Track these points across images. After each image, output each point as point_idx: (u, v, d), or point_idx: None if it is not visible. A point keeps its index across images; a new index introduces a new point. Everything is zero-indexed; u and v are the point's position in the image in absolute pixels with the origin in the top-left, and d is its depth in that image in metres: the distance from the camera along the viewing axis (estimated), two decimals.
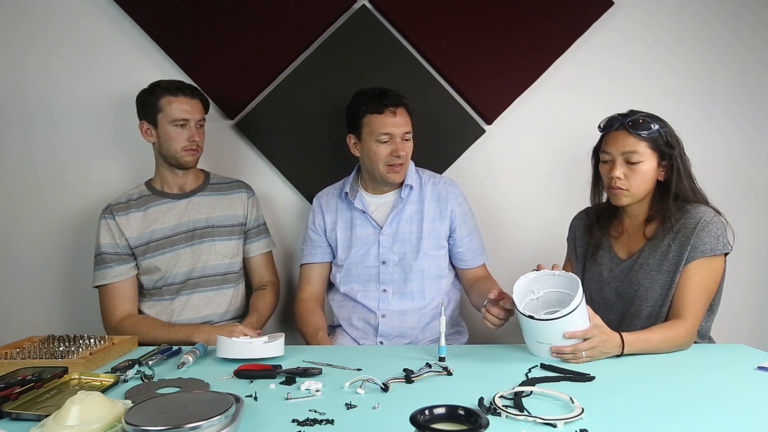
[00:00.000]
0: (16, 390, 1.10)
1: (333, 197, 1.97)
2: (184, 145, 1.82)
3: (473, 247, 1.92)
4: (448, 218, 1.88)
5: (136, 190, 1.91)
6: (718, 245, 1.50)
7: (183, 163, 1.85)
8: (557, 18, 2.13)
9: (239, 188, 1.99)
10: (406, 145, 1.82)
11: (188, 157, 1.84)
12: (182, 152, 1.83)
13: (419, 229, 1.86)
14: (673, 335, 1.45)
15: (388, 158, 1.80)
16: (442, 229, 1.88)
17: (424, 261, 1.85)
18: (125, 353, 1.48)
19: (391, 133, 1.79)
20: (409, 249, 1.85)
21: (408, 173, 1.88)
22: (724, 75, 2.23)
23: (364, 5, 2.14)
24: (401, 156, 1.80)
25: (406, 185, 1.87)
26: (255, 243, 1.99)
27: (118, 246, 1.83)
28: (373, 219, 1.89)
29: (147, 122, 1.84)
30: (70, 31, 2.14)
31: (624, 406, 1.09)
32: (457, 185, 1.94)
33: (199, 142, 1.85)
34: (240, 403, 1.01)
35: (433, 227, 1.87)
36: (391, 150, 1.79)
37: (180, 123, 1.81)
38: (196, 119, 1.83)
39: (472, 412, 0.83)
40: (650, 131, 1.52)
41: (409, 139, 1.84)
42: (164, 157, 1.86)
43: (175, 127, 1.81)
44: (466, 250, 1.91)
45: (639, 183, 1.54)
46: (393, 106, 1.80)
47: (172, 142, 1.82)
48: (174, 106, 1.80)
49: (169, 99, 1.80)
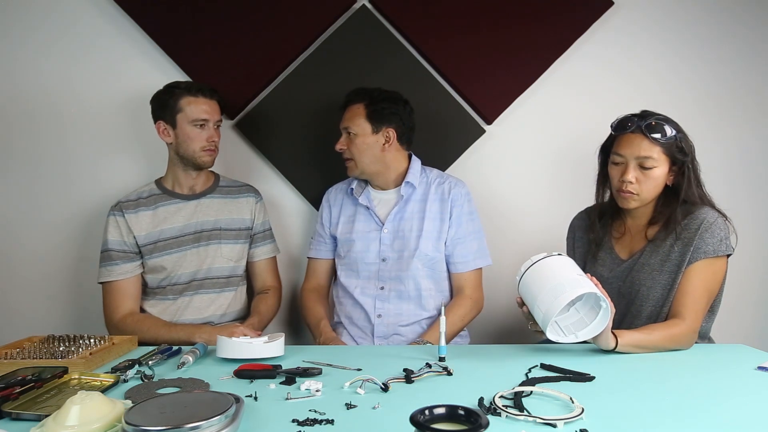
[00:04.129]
0: (16, 390, 1.09)
1: (340, 192, 2.00)
2: (203, 145, 1.84)
3: (465, 251, 1.88)
4: (448, 219, 1.88)
5: (147, 188, 1.92)
6: (720, 247, 1.49)
7: (201, 163, 1.87)
8: (557, 18, 2.13)
9: (248, 192, 2.00)
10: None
11: (206, 157, 1.86)
12: (201, 152, 1.84)
13: (420, 227, 1.86)
14: (672, 333, 1.44)
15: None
16: (442, 229, 1.87)
17: (420, 260, 1.84)
18: (125, 353, 1.48)
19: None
20: (408, 247, 1.85)
21: (411, 171, 1.89)
22: (724, 75, 2.23)
23: (364, 5, 2.15)
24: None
25: (407, 183, 1.88)
26: (260, 248, 2.00)
27: (125, 243, 1.83)
28: (376, 215, 1.90)
29: (164, 122, 1.85)
30: (69, 30, 2.14)
31: (624, 406, 1.09)
32: (462, 185, 1.93)
33: (217, 142, 1.87)
34: (240, 403, 1.01)
35: (433, 227, 1.87)
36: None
37: (200, 123, 1.82)
38: (215, 120, 1.86)
39: (472, 412, 0.83)
40: (667, 137, 1.49)
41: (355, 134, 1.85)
42: (181, 157, 1.87)
43: (195, 128, 1.82)
44: (455, 252, 1.88)
45: (650, 188, 1.53)
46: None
47: (191, 142, 1.83)
48: (194, 107, 1.82)
49: (189, 99, 1.82)
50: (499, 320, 2.24)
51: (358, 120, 1.84)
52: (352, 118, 1.85)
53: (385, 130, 1.86)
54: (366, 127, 1.84)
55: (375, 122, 1.85)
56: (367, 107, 1.85)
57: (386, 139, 1.86)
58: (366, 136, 1.85)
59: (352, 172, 1.90)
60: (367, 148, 1.85)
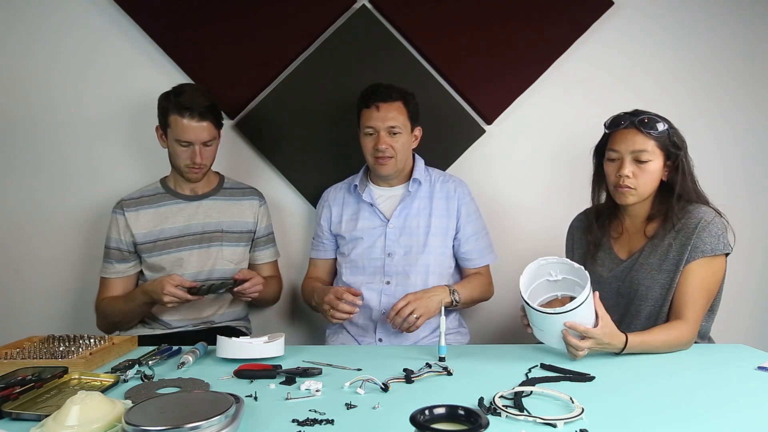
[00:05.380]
0: (16, 390, 1.09)
1: (341, 191, 2.01)
2: (187, 163, 1.82)
3: (479, 247, 1.94)
4: (455, 217, 1.91)
5: (151, 186, 1.93)
6: (718, 245, 1.50)
7: (187, 178, 1.88)
8: (557, 18, 2.14)
9: (252, 195, 2.00)
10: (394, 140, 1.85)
11: (190, 174, 1.85)
12: (185, 169, 1.84)
13: (427, 224, 1.88)
14: (674, 336, 1.45)
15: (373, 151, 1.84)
16: (449, 226, 1.91)
17: (429, 256, 1.86)
18: (125, 353, 1.48)
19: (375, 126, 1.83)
20: (416, 243, 1.87)
21: (417, 169, 1.93)
22: (724, 75, 2.23)
23: (364, 5, 2.14)
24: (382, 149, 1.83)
25: (414, 179, 1.90)
26: (262, 251, 2.00)
27: (121, 242, 1.85)
28: (381, 211, 1.91)
29: (161, 129, 1.85)
30: (69, 30, 2.14)
31: (624, 406, 1.09)
32: (465, 185, 1.97)
33: (202, 162, 1.82)
34: (240, 403, 1.01)
35: (440, 224, 1.89)
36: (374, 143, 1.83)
37: (184, 143, 1.79)
38: (201, 140, 1.79)
39: (472, 412, 0.83)
40: (659, 131, 1.52)
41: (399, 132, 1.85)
42: (172, 165, 1.89)
43: (180, 146, 1.80)
44: (471, 249, 1.93)
45: (646, 182, 1.54)
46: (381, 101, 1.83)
47: (176, 157, 1.83)
48: (179, 128, 1.77)
49: (176, 118, 1.77)
50: (499, 320, 2.24)
51: (401, 118, 1.84)
52: (397, 116, 1.83)
53: (416, 129, 1.92)
54: (407, 124, 1.86)
55: (412, 120, 1.88)
56: (407, 105, 1.86)
57: (415, 138, 1.93)
58: (408, 134, 1.87)
59: (390, 170, 1.86)
60: (408, 146, 1.89)
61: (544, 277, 1.48)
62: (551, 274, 1.47)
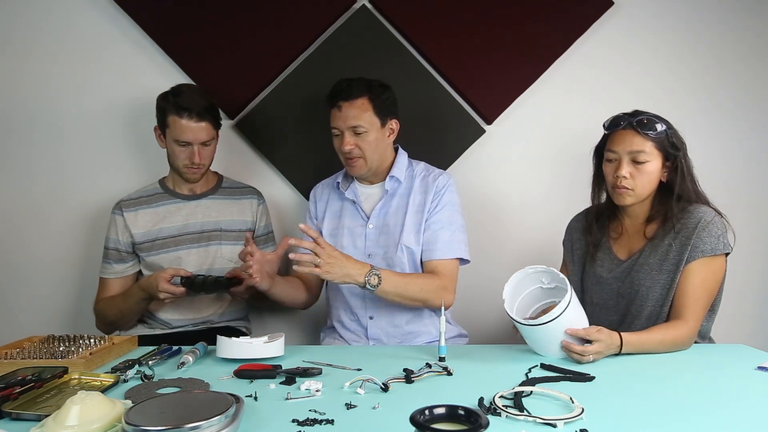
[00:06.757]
0: (16, 390, 1.09)
1: (327, 187, 1.95)
2: (186, 163, 1.83)
3: (441, 238, 1.76)
4: (426, 210, 1.79)
5: (150, 186, 1.94)
6: (718, 245, 1.50)
7: (186, 179, 1.88)
8: (557, 18, 2.13)
9: (250, 194, 2.00)
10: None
11: (189, 174, 1.86)
12: (184, 169, 1.85)
13: (402, 222, 1.80)
14: (673, 336, 1.45)
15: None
16: (422, 221, 1.78)
17: (404, 255, 1.77)
18: (125, 353, 1.48)
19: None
20: (392, 243, 1.79)
21: (396, 165, 1.84)
22: (724, 75, 2.23)
23: (364, 5, 2.14)
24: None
25: (391, 177, 1.82)
26: (262, 250, 1.99)
27: (119, 242, 1.86)
28: (362, 210, 1.85)
29: (159, 130, 1.86)
30: (69, 31, 2.14)
31: (624, 406, 1.09)
32: (448, 177, 1.84)
33: (201, 162, 1.83)
34: (240, 403, 1.01)
35: (414, 220, 1.79)
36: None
37: (182, 144, 1.80)
38: (200, 140, 1.80)
39: (472, 412, 0.83)
40: (657, 132, 1.52)
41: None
42: (170, 165, 1.89)
43: (178, 146, 1.81)
44: (429, 239, 1.77)
45: (644, 183, 1.54)
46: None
47: (175, 158, 1.84)
48: (177, 128, 1.78)
49: (174, 118, 1.77)
50: (499, 320, 2.23)
51: (365, 116, 1.72)
52: (359, 114, 1.72)
53: (389, 122, 1.79)
54: (375, 121, 1.74)
55: (382, 115, 1.76)
56: (372, 100, 1.74)
57: (390, 132, 1.81)
58: (376, 132, 1.75)
59: (359, 171, 1.78)
60: (378, 144, 1.76)
61: (536, 285, 1.48)
62: (543, 282, 1.47)
